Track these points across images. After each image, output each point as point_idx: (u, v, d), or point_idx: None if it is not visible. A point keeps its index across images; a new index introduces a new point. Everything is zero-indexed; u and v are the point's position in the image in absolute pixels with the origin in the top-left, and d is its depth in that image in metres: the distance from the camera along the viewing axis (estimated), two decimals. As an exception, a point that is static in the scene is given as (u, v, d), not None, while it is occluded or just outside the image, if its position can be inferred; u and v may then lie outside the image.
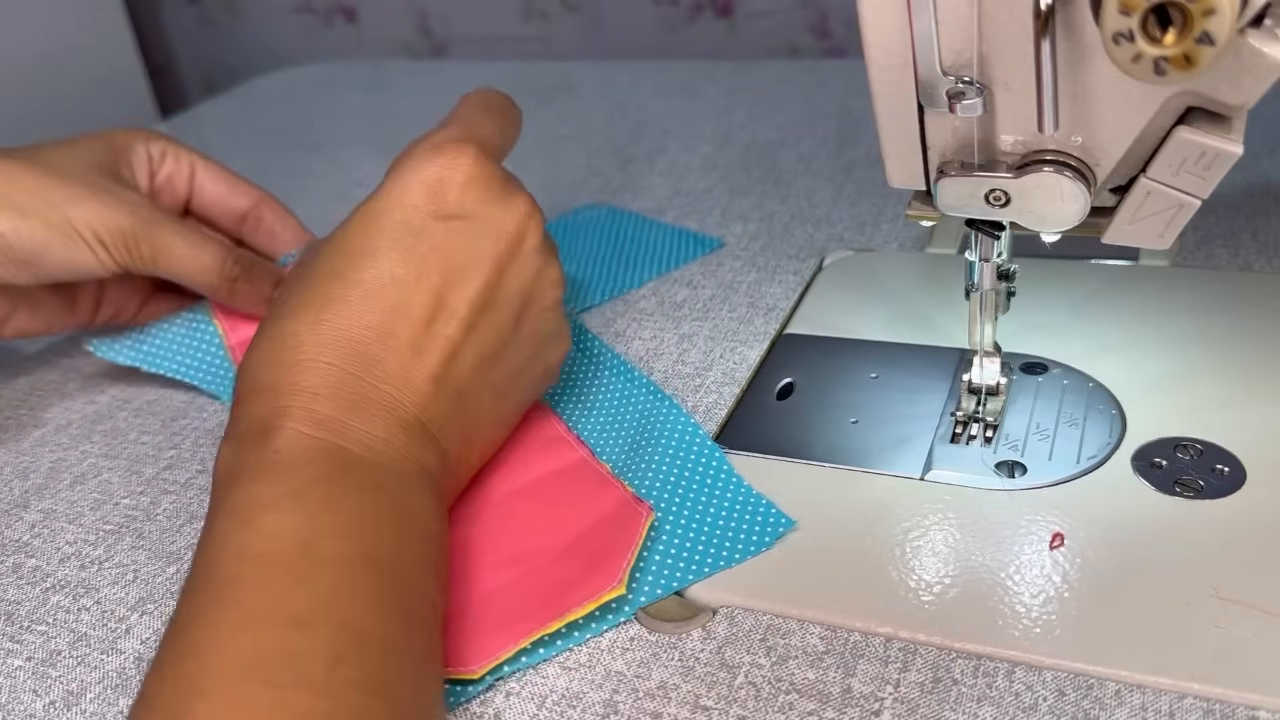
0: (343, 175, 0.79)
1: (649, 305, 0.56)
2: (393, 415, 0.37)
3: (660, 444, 0.43)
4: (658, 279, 0.58)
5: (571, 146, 0.79)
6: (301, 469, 0.34)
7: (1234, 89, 0.31)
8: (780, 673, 0.34)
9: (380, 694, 0.29)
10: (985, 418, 0.43)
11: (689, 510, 0.40)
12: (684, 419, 0.45)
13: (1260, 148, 0.65)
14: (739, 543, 0.39)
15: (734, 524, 0.39)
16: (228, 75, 1.52)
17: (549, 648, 0.36)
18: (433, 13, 1.38)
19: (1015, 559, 0.37)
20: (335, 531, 0.32)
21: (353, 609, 0.31)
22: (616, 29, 1.28)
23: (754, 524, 0.39)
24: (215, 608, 0.30)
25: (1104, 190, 0.36)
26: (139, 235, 0.47)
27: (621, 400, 0.47)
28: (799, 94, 0.84)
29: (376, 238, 0.39)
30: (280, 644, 0.29)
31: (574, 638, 0.36)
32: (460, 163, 0.40)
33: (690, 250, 0.61)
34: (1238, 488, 0.39)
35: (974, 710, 0.32)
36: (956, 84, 0.34)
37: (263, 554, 0.31)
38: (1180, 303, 0.50)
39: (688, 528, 0.39)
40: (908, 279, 0.55)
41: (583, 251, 0.62)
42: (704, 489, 0.41)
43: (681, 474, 0.42)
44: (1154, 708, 0.32)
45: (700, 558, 0.38)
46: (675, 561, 0.38)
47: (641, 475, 0.42)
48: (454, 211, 0.39)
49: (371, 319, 0.37)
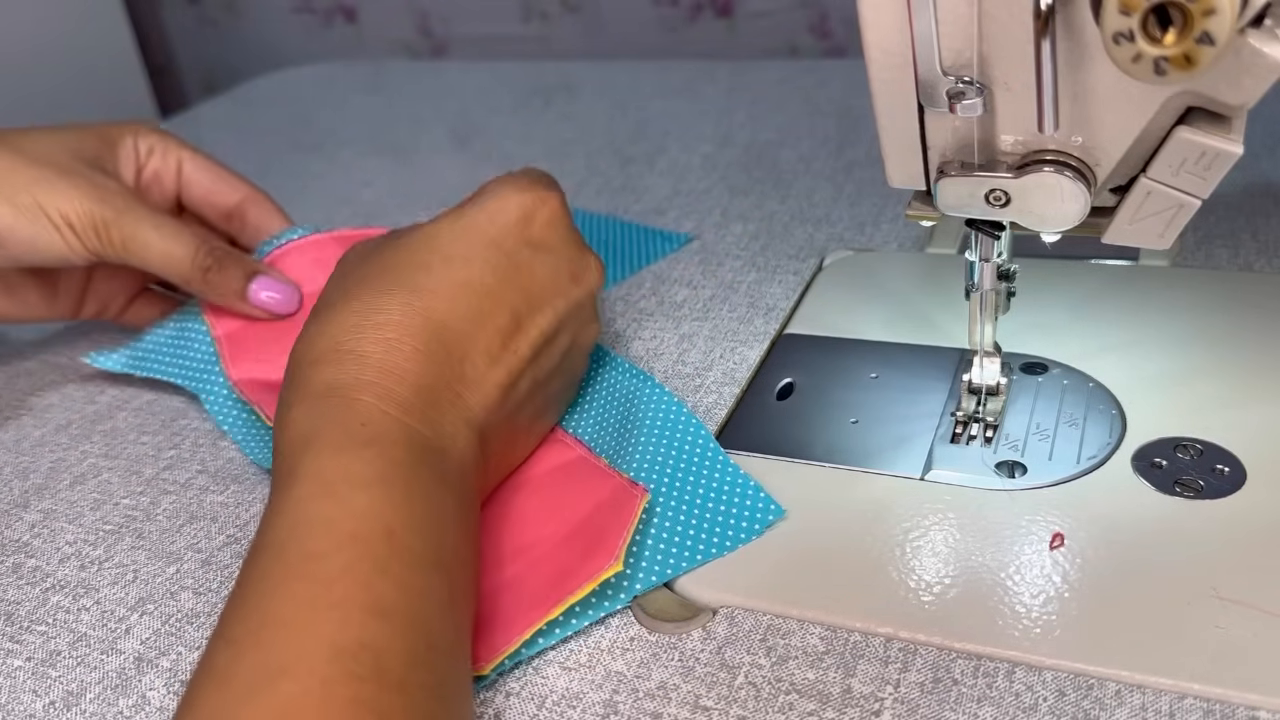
0: (343, 175, 0.79)
1: (649, 305, 0.56)
2: (462, 413, 0.38)
3: (646, 426, 0.43)
4: (654, 281, 0.59)
5: (572, 146, 0.79)
6: (389, 450, 0.34)
7: (1234, 89, 0.31)
8: (780, 673, 0.34)
9: (446, 701, 0.29)
10: (985, 418, 0.43)
11: (679, 493, 0.40)
12: (669, 400, 0.44)
13: (1260, 148, 0.65)
14: (729, 529, 0.39)
15: (725, 509, 0.40)
16: (228, 75, 1.52)
17: (549, 636, 0.36)
18: (433, 13, 1.38)
19: (1015, 559, 0.37)
20: (415, 525, 0.32)
21: (426, 609, 0.30)
22: (616, 29, 1.28)
23: (744, 509, 0.40)
24: (299, 582, 0.29)
25: (1104, 190, 0.36)
26: (109, 221, 0.47)
27: (607, 387, 0.47)
28: (799, 94, 0.84)
29: (471, 245, 0.40)
30: (365, 633, 0.28)
31: (573, 624, 0.36)
32: (550, 201, 0.42)
33: (659, 248, 0.61)
34: (1238, 488, 0.39)
35: (974, 710, 0.32)
36: (956, 84, 0.34)
37: (354, 534, 0.30)
38: (1180, 303, 0.50)
39: (682, 511, 0.40)
40: (908, 279, 0.55)
41: None
42: (693, 470, 0.41)
43: (670, 456, 0.42)
44: (1154, 708, 0.32)
45: (693, 544, 0.38)
46: (669, 547, 0.38)
47: (632, 460, 0.42)
48: (540, 242, 0.42)
49: (461, 317, 0.38)
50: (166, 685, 0.36)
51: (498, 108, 0.89)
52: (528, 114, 0.87)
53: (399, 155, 0.81)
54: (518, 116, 0.87)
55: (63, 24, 1.35)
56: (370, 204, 0.73)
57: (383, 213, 0.71)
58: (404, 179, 0.76)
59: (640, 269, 0.60)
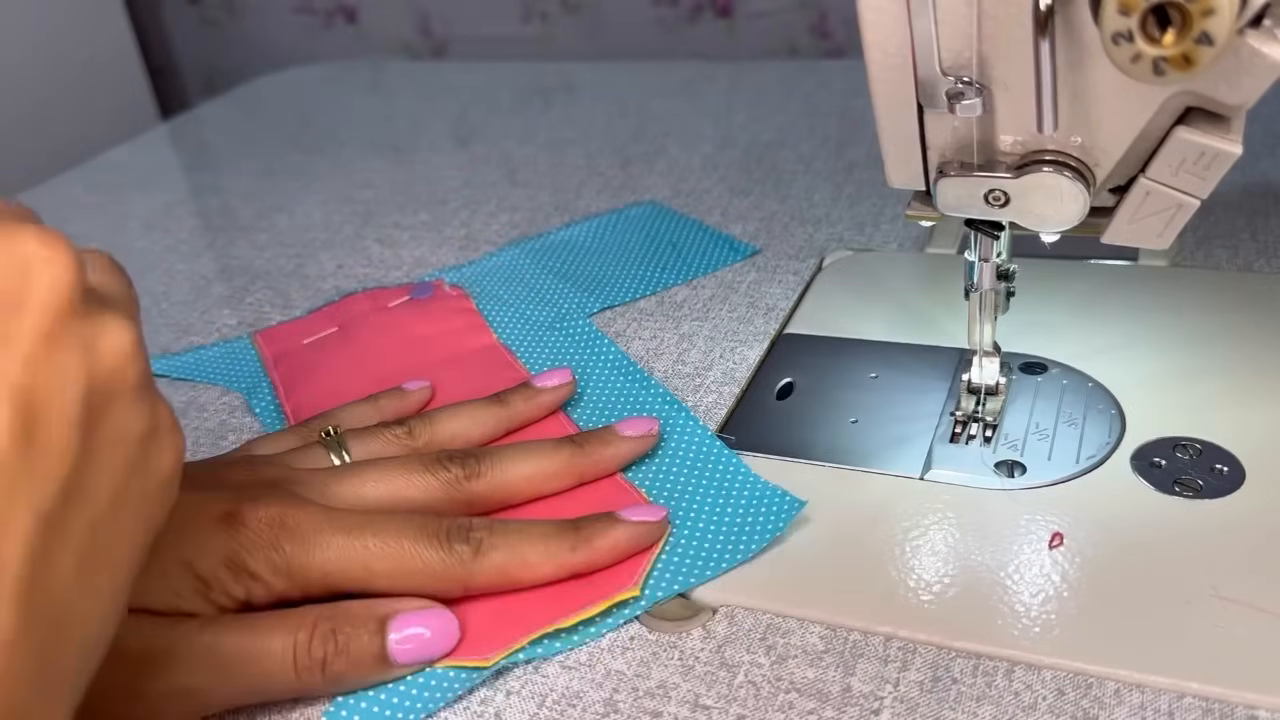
0: (343, 176, 0.79)
1: (649, 305, 0.56)
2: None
3: (672, 449, 0.43)
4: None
5: (572, 147, 0.79)
6: None
7: (1233, 89, 0.31)
8: (780, 672, 0.34)
9: None
10: (985, 417, 0.44)
11: (699, 509, 0.40)
12: (697, 426, 0.45)
13: (1260, 148, 0.65)
14: (753, 531, 0.39)
15: (746, 516, 0.39)
16: (228, 75, 1.52)
17: (556, 641, 0.36)
18: (433, 13, 1.38)
19: (1014, 558, 0.37)
20: None
21: None
22: (616, 29, 1.28)
23: (763, 512, 0.39)
24: None
25: (1103, 190, 0.36)
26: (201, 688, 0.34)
27: (636, 408, 0.47)
28: (799, 94, 0.84)
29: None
30: None
31: (582, 633, 0.36)
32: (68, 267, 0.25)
33: (723, 257, 0.60)
34: (1237, 487, 0.39)
35: (973, 709, 0.32)
36: (956, 84, 0.34)
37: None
38: (1180, 303, 0.50)
39: (701, 528, 0.39)
40: (907, 279, 0.55)
41: (618, 248, 0.62)
42: (716, 488, 0.41)
43: (695, 477, 0.42)
44: (1153, 707, 0.32)
45: (711, 554, 0.38)
46: (683, 560, 0.38)
47: (655, 481, 0.42)
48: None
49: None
50: (167, 684, 0.36)
51: (498, 108, 0.89)
52: (528, 114, 0.87)
53: (399, 155, 0.81)
54: (518, 116, 0.87)
55: (63, 24, 1.35)
56: (370, 204, 0.73)
57: (383, 213, 0.71)
58: (404, 179, 0.76)
59: (697, 277, 0.58)
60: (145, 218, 0.75)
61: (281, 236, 0.70)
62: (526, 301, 0.56)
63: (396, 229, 0.69)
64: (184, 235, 0.72)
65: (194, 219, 0.75)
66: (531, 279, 0.59)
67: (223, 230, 0.72)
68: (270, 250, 0.68)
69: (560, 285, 0.58)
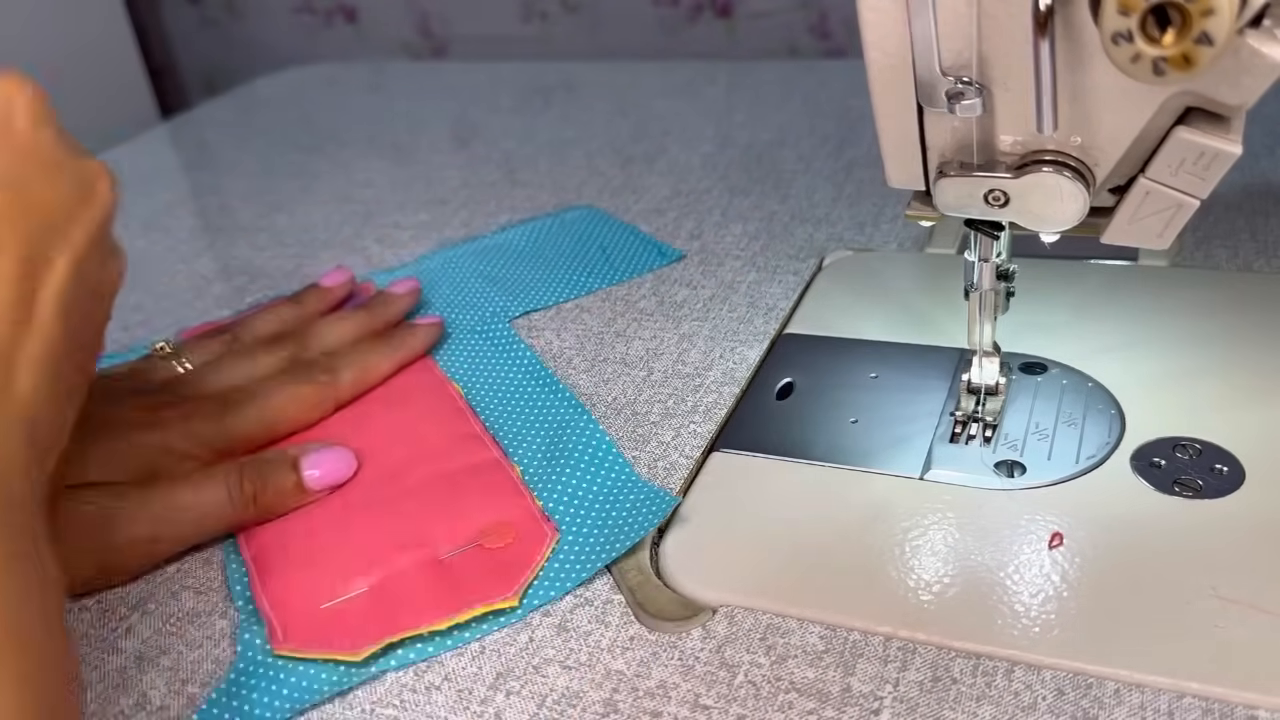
0: (343, 176, 0.79)
1: (649, 305, 0.56)
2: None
3: (568, 452, 0.44)
4: (654, 281, 0.59)
5: (572, 146, 0.79)
6: None
7: (1233, 89, 0.31)
8: (780, 672, 0.34)
9: None
10: (984, 417, 0.44)
11: (586, 512, 0.41)
12: (596, 429, 0.45)
13: (1260, 148, 0.65)
14: (628, 529, 0.39)
15: (624, 515, 0.40)
16: (228, 76, 1.52)
17: (429, 645, 0.36)
18: (433, 13, 1.38)
19: (1014, 558, 0.37)
20: None
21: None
22: (616, 29, 1.28)
23: (640, 511, 0.40)
24: None
25: (1103, 190, 0.36)
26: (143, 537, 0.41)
27: (541, 409, 0.48)
28: (799, 94, 0.84)
29: None
30: None
31: (456, 637, 0.37)
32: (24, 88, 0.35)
33: (649, 261, 0.60)
34: (1236, 487, 0.39)
35: (973, 709, 0.32)
36: (956, 84, 0.34)
37: None
38: (1180, 303, 0.50)
39: (585, 531, 0.40)
40: (907, 279, 0.55)
41: (550, 252, 0.62)
42: (603, 492, 0.42)
43: (586, 481, 0.42)
44: (1153, 707, 0.32)
45: (591, 553, 0.39)
46: (565, 562, 0.39)
47: (550, 486, 0.42)
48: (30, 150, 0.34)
49: None
50: (167, 684, 0.36)
51: (498, 108, 0.89)
52: (528, 114, 0.87)
53: (399, 155, 0.81)
54: (518, 116, 0.87)
55: (63, 24, 1.35)
56: (370, 204, 0.73)
57: (382, 213, 0.71)
58: (404, 179, 0.76)
59: (626, 280, 0.59)
60: (145, 218, 0.75)
61: (281, 236, 0.70)
62: (453, 306, 0.57)
63: (396, 229, 0.69)
64: (184, 235, 0.72)
65: (194, 219, 0.75)
66: (462, 282, 0.60)
67: (222, 230, 0.72)
68: (270, 250, 0.68)
69: (487, 289, 0.58)
